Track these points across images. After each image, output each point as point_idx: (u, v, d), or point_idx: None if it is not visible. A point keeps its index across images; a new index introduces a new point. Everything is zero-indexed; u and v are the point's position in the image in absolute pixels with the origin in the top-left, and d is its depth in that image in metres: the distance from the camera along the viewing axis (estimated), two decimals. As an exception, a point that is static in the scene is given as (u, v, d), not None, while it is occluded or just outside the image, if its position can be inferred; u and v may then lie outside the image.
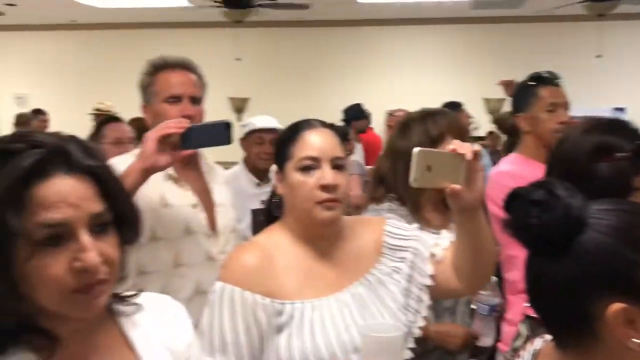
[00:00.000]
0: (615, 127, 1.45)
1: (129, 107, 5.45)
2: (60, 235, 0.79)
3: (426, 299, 1.39)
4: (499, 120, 5.26)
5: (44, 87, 9.28)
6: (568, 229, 0.81)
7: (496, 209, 1.89)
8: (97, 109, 6.16)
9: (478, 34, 8.60)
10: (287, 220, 1.41)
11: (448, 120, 1.80)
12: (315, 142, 1.36)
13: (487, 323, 1.78)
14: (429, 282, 1.38)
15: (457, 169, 1.21)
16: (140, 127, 6.97)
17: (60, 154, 0.82)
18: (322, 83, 8.79)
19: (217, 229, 1.89)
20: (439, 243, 1.41)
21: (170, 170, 1.82)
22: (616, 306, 0.78)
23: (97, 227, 0.82)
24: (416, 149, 1.19)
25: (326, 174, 1.33)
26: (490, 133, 6.50)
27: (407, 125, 1.82)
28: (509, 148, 3.19)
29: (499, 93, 5.50)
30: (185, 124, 1.57)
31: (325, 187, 1.32)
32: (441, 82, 8.33)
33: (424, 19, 8.55)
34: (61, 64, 9.32)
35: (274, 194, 1.46)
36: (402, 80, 8.62)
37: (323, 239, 1.39)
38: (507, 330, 1.96)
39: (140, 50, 8.39)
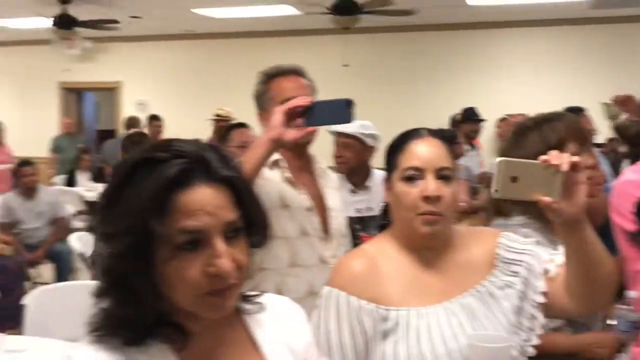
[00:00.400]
0: None
1: (240, 112, 5.64)
2: (197, 241, 0.84)
3: (540, 316, 1.33)
4: (620, 128, 4.93)
5: (162, 94, 9.81)
6: None
7: (622, 221, 1.77)
8: (217, 115, 6.44)
9: (597, 35, 8.14)
10: (394, 229, 1.41)
11: (567, 125, 1.70)
12: (421, 152, 1.34)
13: (626, 340, 1.67)
14: (541, 299, 1.33)
15: (551, 180, 1.15)
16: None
17: (201, 164, 0.86)
18: (429, 88, 8.67)
19: (330, 232, 1.94)
20: (554, 259, 1.35)
21: (287, 173, 1.90)
22: None
23: (230, 233, 0.86)
24: (499, 159, 1.17)
25: (429, 185, 1.30)
26: (610, 140, 6.13)
27: (522, 133, 1.74)
28: (634, 157, 2.99)
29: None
30: (310, 100, 1.59)
31: (427, 199, 1.30)
32: (556, 86, 7.98)
33: (538, 20, 8.21)
34: (178, 72, 9.81)
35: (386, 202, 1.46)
36: (514, 86, 8.33)
37: (430, 249, 1.37)
38: (636, 351, 1.83)
39: (252, 58, 8.73)
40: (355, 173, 3.09)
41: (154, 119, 7.33)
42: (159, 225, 0.82)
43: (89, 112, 11.72)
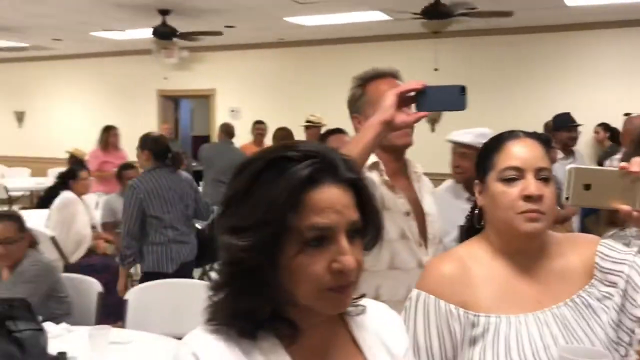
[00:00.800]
0: None
1: (330, 118, 5.69)
2: (324, 238, 0.88)
3: (639, 332, 1.27)
4: None
5: (254, 101, 10.06)
6: None
7: None
8: (309, 121, 6.66)
9: None
10: (488, 233, 1.37)
11: None
12: (519, 153, 1.32)
13: None
14: None
15: (631, 188, 1.12)
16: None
17: (330, 165, 0.91)
18: (523, 93, 8.40)
19: (427, 237, 1.94)
20: None
21: (385, 176, 1.90)
22: None
23: (352, 233, 0.90)
24: (570, 166, 1.16)
25: (530, 185, 1.27)
26: None
27: None
28: None
29: None
30: (423, 83, 1.56)
31: (528, 198, 1.27)
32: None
33: (638, 20, 7.79)
34: (270, 79, 10.03)
35: (475, 206, 1.43)
36: (613, 90, 7.92)
37: (525, 254, 1.32)
38: None
39: (342, 64, 8.80)
40: (472, 183, 3.05)
41: (258, 123, 7.64)
42: (293, 220, 0.86)
43: (184, 119, 12.20)
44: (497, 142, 1.37)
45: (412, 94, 1.51)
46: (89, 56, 11.22)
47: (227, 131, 7.10)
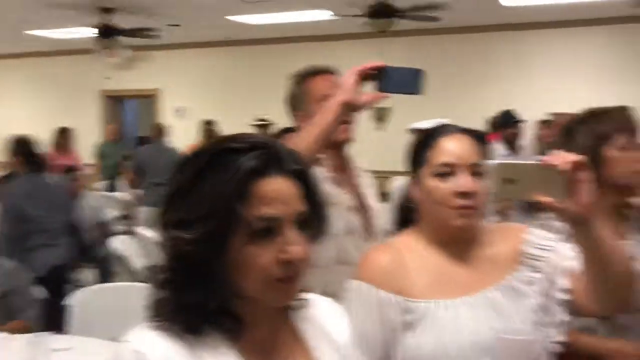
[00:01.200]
0: None
1: (278, 117, 5.67)
2: (271, 229, 0.88)
3: (563, 314, 1.33)
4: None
5: (200, 100, 9.95)
6: None
7: None
8: (260, 119, 6.70)
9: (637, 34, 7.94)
10: (421, 225, 1.41)
11: (615, 118, 1.68)
12: (452, 148, 1.34)
13: None
14: (565, 296, 1.33)
15: (552, 180, 1.16)
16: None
17: (276, 156, 0.91)
18: (463, 92, 8.58)
19: (372, 232, 1.95)
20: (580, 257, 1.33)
21: (330, 172, 1.91)
22: None
23: (299, 224, 0.90)
24: (493, 162, 1.20)
25: (463, 181, 1.31)
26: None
27: (571, 128, 1.73)
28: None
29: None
30: (383, 63, 1.55)
31: (462, 194, 1.30)
32: (598, 87, 7.80)
33: (574, 20, 8.04)
34: (216, 79, 9.94)
35: (407, 198, 1.45)
36: (551, 87, 8.17)
37: (457, 243, 1.37)
38: None
39: (288, 63, 8.73)
40: None
41: (207, 123, 7.66)
42: (242, 211, 0.86)
43: (129, 119, 11.96)
44: (430, 138, 1.39)
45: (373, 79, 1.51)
46: (25, 56, 10.85)
47: (160, 131, 6.91)
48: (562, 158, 1.17)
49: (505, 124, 5.48)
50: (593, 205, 1.18)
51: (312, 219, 0.94)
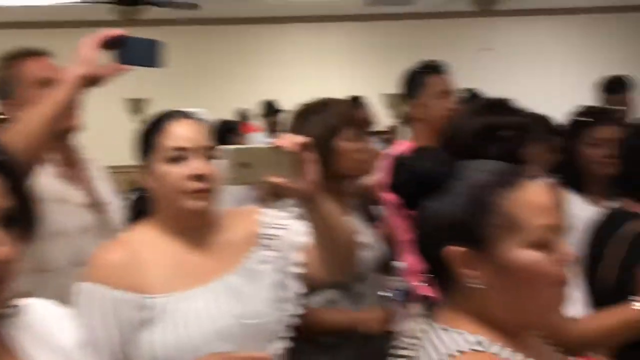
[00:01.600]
0: (499, 106, 1.51)
1: None
2: None
3: (299, 287, 1.41)
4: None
5: None
6: (420, 188, 0.92)
7: (389, 195, 1.93)
8: None
9: (373, 31, 8.76)
10: (156, 214, 1.38)
11: (342, 111, 1.82)
12: (183, 132, 1.34)
13: (398, 308, 1.80)
14: (300, 270, 1.40)
15: (282, 162, 1.22)
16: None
17: None
18: (218, 84, 8.66)
19: (109, 229, 1.82)
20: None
21: (58, 167, 1.75)
22: (453, 249, 0.86)
23: (4, 222, 0.80)
24: (224, 148, 1.23)
25: (196, 164, 1.31)
26: (393, 127, 6.65)
27: (304, 117, 1.83)
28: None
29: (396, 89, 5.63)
30: (123, 32, 1.47)
31: (196, 177, 1.30)
32: (339, 79, 8.41)
33: (319, 16, 8.61)
34: None
35: (141, 188, 1.42)
36: (303, 79, 8.61)
37: (194, 230, 1.37)
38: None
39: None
40: None
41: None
42: None
43: None
44: (157, 123, 1.36)
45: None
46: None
47: None
48: (290, 140, 1.23)
49: (267, 114, 5.70)
50: (319, 183, 1.26)
51: (20, 216, 0.85)
